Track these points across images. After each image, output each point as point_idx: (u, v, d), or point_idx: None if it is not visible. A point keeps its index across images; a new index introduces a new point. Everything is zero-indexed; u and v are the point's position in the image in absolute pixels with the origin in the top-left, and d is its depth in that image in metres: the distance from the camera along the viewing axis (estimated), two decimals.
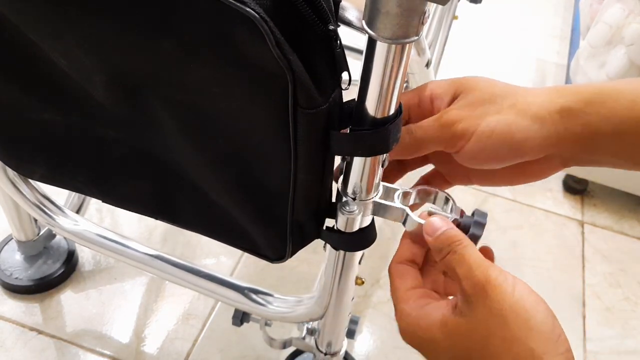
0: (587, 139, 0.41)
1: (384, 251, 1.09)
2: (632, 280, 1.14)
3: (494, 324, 0.37)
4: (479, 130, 0.42)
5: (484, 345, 0.37)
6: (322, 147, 0.42)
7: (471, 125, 0.42)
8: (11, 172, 0.72)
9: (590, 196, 1.30)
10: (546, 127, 0.41)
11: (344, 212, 0.46)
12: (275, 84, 0.36)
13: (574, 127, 0.41)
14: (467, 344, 0.38)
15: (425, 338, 0.40)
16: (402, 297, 0.42)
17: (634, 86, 0.41)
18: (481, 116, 0.42)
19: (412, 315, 0.41)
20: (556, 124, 0.41)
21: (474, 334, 0.38)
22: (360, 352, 0.96)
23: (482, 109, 0.42)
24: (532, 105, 0.42)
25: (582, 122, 0.41)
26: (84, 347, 0.91)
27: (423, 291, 0.43)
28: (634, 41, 1.14)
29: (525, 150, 0.42)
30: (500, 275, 0.38)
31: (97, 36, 0.38)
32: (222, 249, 1.06)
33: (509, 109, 0.42)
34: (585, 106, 0.40)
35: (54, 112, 0.49)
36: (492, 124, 0.42)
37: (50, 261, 0.98)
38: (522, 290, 0.38)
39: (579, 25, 1.49)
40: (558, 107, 0.41)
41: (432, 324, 0.40)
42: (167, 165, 0.50)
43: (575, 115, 0.41)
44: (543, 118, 0.41)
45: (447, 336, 0.39)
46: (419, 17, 0.34)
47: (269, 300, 0.71)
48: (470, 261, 0.39)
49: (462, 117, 0.42)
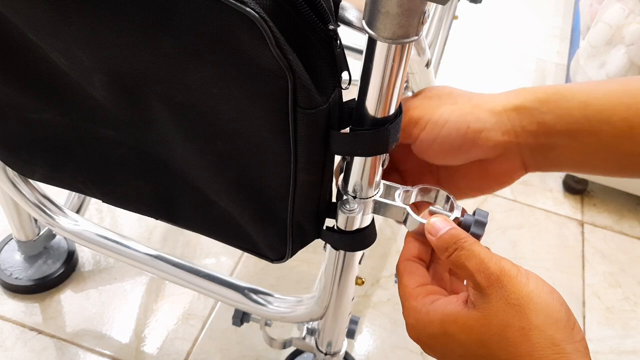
0: (542, 137, 0.42)
1: (384, 251, 1.09)
2: (632, 280, 1.14)
3: (511, 314, 0.37)
4: (433, 118, 0.42)
5: (501, 336, 0.37)
6: (322, 147, 0.42)
7: (426, 113, 0.43)
8: (11, 172, 0.72)
9: (590, 196, 1.30)
10: (503, 121, 0.42)
11: (344, 211, 0.46)
12: (275, 84, 0.36)
13: (530, 126, 0.42)
14: (482, 336, 0.38)
15: (435, 333, 0.40)
16: (411, 294, 0.42)
17: (588, 87, 0.41)
18: (437, 106, 0.43)
19: (422, 312, 0.41)
20: (512, 120, 0.42)
21: (491, 325, 0.38)
22: (360, 352, 0.96)
23: (438, 100, 0.43)
24: (489, 102, 0.42)
25: (537, 120, 0.41)
26: (84, 347, 0.91)
27: (431, 288, 0.43)
28: (634, 41, 1.14)
29: (481, 141, 0.42)
30: (513, 267, 0.38)
31: (97, 36, 0.38)
32: (222, 249, 1.06)
33: (465, 102, 0.43)
34: (541, 105, 0.41)
35: (54, 112, 0.49)
36: (446, 113, 0.42)
37: (50, 261, 0.98)
38: (537, 281, 0.38)
39: (579, 25, 1.49)
40: (513, 105, 0.42)
41: (444, 319, 0.40)
42: (167, 165, 0.50)
43: (530, 114, 0.41)
44: (499, 113, 0.42)
45: (461, 330, 0.39)
46: (419, 17, 0.34)
47: (269, 300, 0.71)
48: (482, 255, 0.39)
49: (418, 105, 0.43)
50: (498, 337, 0.37)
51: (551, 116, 0.41)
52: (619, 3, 1.18)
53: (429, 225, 0.42)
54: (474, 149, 0.43)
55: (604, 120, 0.40)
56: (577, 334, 0.37)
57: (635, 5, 1.15)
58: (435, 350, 0.41)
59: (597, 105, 0.41)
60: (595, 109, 0.40)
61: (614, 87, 0.41)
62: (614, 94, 0.41)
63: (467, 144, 0.42)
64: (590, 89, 0.41)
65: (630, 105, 0.40)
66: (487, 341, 0.38)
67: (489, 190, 0.47)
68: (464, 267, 0.40)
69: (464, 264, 0.39)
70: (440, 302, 0.41)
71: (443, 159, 0.44)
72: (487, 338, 0.38)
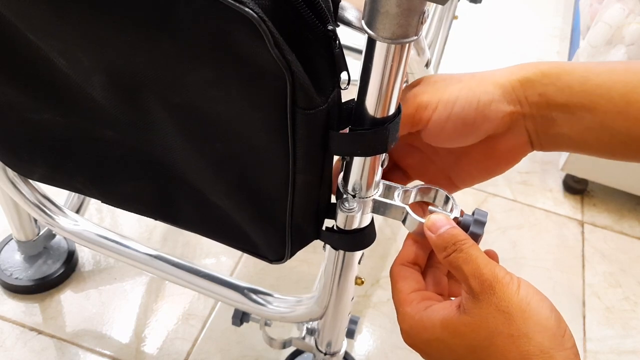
0: (544, 109, 0.42)
1: (384, 251, 1.09)
2: (632, 280, 1.14)
3: (500, 320, 0.37)
4: (443, 98, 0.42)
5: (490, 342, 0.37)
6: (321, 147, 0.42)
7: (434, 96, 0.43)
8: (11, 172, 0.72)
9: (590, 196, 1.30)
10: (508, 92, 0.42)
11: (344, 210, 0.46)
12: (273, 85, 0.36)
13: (532, 97, 0.42)
14: (472, 342, 0.38)
15: (429, 339, 0.40)
16: (404, 300, 0.42)
17: (591, 65, 0.42)
18: (444, 87, 0.43)
19: (415, 318, 0.41)
20: (516, 90, 0.42)
21: (480, 332, 0.38)
22: (360, 352, 0.96)
23: (444, 82, 0.43)
24: (494, 75, 0.43)
25: (538, 91, 0.42)
26: (84, 347, 0.91)
27: (425, 293, 0.43)
28: (634, 41, 1.14)
29: (491, 113, 0.42)
30: (507, 275, 0.39)
31: (96, 36, 0.38)
32: (222, 249, 1.06)
33: (470, 79, 0.43)
34: (542, 77, 0.41)
35: (53, 112, 0.49)
36: (455, 91, 0.42)
37: (50, 261, 0.98)
38: (528, 289, 0.38)
39: (579, 25, 1.49)
40: (517, 77, 0.42)
41: (436, 324, 0.40)
42: (166, 166, 0.50)
43: (533, 85, 0.42)
44: (504, 85, 0.42)
45: (451, 335, 0.39)
46: (419, 17, 0.34)
47: (268, 300, 0.71)
48: (478, 260, 0.39)
49: (424, 90, 0.43)
50: (487, 342, 0.37)
51: (552, 89, 0.41)
52: (619, 3, 1.17)
53: (430, 222, 0.42)
54: (485, 122, 0.43)
55: (602, 95, 0.40)
56: (567, 342, 0.37)
57: (635, 5, 1.15)
58: (431, 356, 0.41)
59: (597, 80, 0.41)
60: (594, 83, 0.41)
61: (616, 66, 0.42)
62: (615, 71, 0.41)
63: (479, 118, 0.42)
64: (592, 66, 0.42)
65: (629, 82, 0.40)
66: (477, 347, 0.38)
67: (497, 171, 0.47)
68: (460, 269, 0.40)
69: (461, 266, 0.40)
70: (434, 307, 0.41)
71: (455, 139, 0.44)
72: (476, 344, 0.38)
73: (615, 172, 1.23)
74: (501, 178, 1.30)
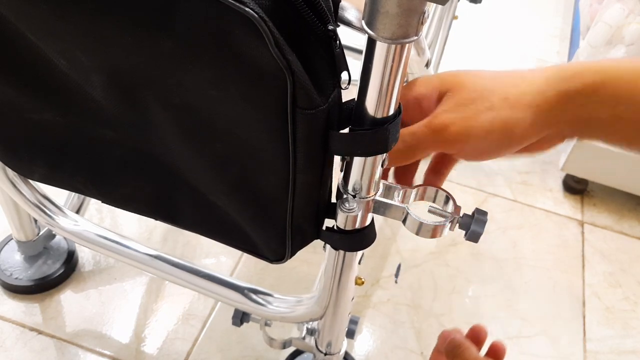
0: (583, 124, 0.41)
1: (384, 251, 1.09)
2: (632, 280, 1.14)
3: None
4: (473, 132, 0.41)
5: None
6: (321, 147, 0.42)
7: (464, 127, 0.41)
8: (11, 172, 0.72)
9: (590, 196, 1.30)
10: (544, 113, 0.40)
11: (344, 210, 0.46)
12: (274, 85, 0.36)
13: (572, 116, 0.40)
14: None
15: None
16: None
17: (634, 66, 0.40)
18: (473, 116, 0.41)
19: None
20: (554, 110, 0.40)
21: None
22: (360, 352, 0.96)
23: (473, 107, 0.41)
24: (527, 95, 0.41)
25: (579, 110, 0.40)
26: (84, 347, 0.91)
27: None
28: (634, 41, 1.14)
29: (525, 140, 0.42)
30: None
31: (96, 36, 0.38)
32: (222, 249, 1.06)
33: (501, 103, 0.41)
34: (583, 89, 0.40)
35: (53, 112, 0.49)
36: (486, 124, 0.41)
37: (50, 261, 0.98)
38: None
39: (579, 25, 1.49)
40: (555, 92, 0.40)
41: None
42: (166, 166, 0.50)
43: (573, 101, 0.40)
44: (540, 106, 0.40)
45: None
46: (419, 17, 0.34)
47: (268, 300, 0.71)
48: None
49: (453, 119, 0.41)
50: None
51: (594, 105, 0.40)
52: (619, 3, 1.17)
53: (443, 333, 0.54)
54: (520, 145, 0.42)
55: None
56: None
57: (635, 5, 1.15)
58: None
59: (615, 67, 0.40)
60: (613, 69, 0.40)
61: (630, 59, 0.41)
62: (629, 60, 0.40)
63: (514, 144, 0.42)
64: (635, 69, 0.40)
65: None
66: None
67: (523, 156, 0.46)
68: None
69: None
70: None
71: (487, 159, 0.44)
72: None
73: (615, 172, 1.23)
74: (501, 178, 1.31)
